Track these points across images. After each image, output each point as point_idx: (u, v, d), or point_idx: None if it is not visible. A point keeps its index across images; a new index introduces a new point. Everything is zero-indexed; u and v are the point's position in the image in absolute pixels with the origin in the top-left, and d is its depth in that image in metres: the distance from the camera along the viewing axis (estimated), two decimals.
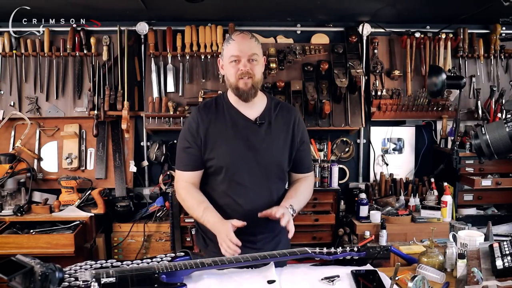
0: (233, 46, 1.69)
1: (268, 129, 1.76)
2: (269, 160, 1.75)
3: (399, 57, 3.23)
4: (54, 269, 1.06)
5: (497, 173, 3.02)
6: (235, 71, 1.69)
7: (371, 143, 3.34)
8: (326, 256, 1.41)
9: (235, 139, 1.73)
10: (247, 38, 1.71)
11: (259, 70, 1.72)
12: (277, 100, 1.88)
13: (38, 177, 3.04)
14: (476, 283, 1.24)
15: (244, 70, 1.67)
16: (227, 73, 1.73)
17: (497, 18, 3.12)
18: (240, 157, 1.72)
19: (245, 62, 1.68)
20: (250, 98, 1.71)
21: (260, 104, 1.79)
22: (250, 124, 1.75)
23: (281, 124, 1.79)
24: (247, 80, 1.68)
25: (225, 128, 1.74)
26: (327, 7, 2.90)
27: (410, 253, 1.65)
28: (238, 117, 1.76)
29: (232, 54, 1.68)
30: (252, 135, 1.74)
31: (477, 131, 1.45)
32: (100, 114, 2.98)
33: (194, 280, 1.31)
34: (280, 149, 1.77)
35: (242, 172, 1.73)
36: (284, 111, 1.83)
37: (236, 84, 1.70)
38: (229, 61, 1.70)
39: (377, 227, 2.81)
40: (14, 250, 2.43)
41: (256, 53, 1.70)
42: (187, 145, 1.76)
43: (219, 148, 1.73)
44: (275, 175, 1.79)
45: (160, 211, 3.00)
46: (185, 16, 3.04)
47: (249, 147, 1.73)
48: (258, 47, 1.72)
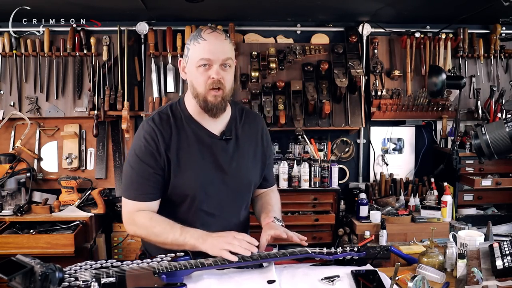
0: (204, 47, 1.40)
1: (235, 145, 1.53)
2: (240, 181, 1.54)
3: (399, 57, 3.23)
4: (54, 269, 1.06)
5: (497, 173, 3.02)
6: (205, 79, 1.41)
7: (371, 143, 3.34)
8: (326, 256, 1.41)
9: (201, 160, 1.47)
10: (221, 38, 1.42)
11: (230, 79, 1.45)
12: (241, 106, 1.64)
13: (38, 177, 3.04)
14: (476, 283, 1.24)
15: (216, 80, 1.40)
16: (194, 80, 1.45)
17: (497, 18, 3.12)
18: (209, 183, 1.48)
19: (217, 69, 1.40)
20: (219, 113, 1.46)
21: (224, 114, 1.52)
22: (215, 141, 1.50)
23: (248, 136, 1.57)
24: (217, 92, 1.41)
25: (188, 147, 1.46)
26: (327, 7, 2.90)
27: (410, 253, 1.65)
28: (202, 132, 1.49)
29: (202, 57, 1.40)
30: (220, 154, 1.49)
31: (477, 131, 1.45)
32: (100, 114, 2.98)
33: (194, 280, 1.31)
34: (250, 167, 1.57)
35: (210, 200, 1.49)
36: (251, 120, 1.60)
37: (205, 96, 1.42)
38: (197, 65, 1.42)
39: (377, 227, 2.81)
40: (14, 250, 2.43)
41: (230, 58, 1.44)
42: (146, 170, 1.43)
43: (184, 172, 1.45)
44: (245, 196, 1.60)
45: None
46: (185, 16, 3.03)
47: (217, 169, 1.49)
48: (231, 49, 1.46)
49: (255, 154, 1.60)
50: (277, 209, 1.66)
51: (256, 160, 1.60)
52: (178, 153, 1.46)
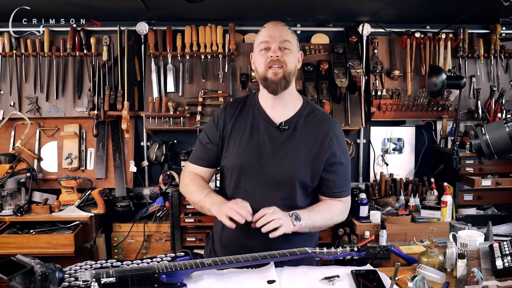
0: (263, 33, 1.55)
1: (290, 137, 1.55)
2: (280, 172, 1.53)
3: (399, 57, 3.23)
4: (54, 269, 1.06)
5: (497, 173, 3.02)
6: (265, 60, 1.51)
7: (371, 143, 3.34)
8: (326, 256, 1.40)
9: (249, 142, 1.56)
10: (279, 25, 1.56)
11: (291, 59, 1.52)
12: (315, 107, 1.64)
13: (38, 177, 3.04)
14: (476, 283, 1.24)
15: (274, 57, 1.49)
16: (256, 64, 1.56)
17: (497, 18, 3.12)
18: (249, 162, 1.55)
19: (275, 49, 1.50)
20: (279, 90, 1.52)
21: (292, 107, 1.59)
22: (271, 128, 1.56)
23: (309, 134, 1.56)
24: (277, 69, 1.49)
25: (244, 129, 1.58)
26: (327, 7, 2.90)
27: (410, 253, 1.65)
28: (261, 118, 1.59)
29: (261, 41, 1.53)
30: (270, 140, 1.55)
31: (477, 131, 1.45)
32: (100, 114, 2.98)
33: (194, 280, 1.31)
34: (297, 163, 1.53)
35: (248, 179, 1.55)
36: (319, 121, 1.59)
37: (265, 74, 1.51)
38: (259, 50, 1.53)
39: (377, 227, 2.81)
40: (14, 250, 2.44)
41: (289, 41, 1.52)
42: (205, 140, 1.65)
43: (232, 149, 1.59)
44: (285, 191, 1.54)
45: (160, 211, 3.00)
46: (185, 16, 3.04)
47: (263, 153, 1.54)
48: (292, 36, 1.55)
49: (309, 153, 1.55)
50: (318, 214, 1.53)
51: (308, 159, 1.54)
52: (233, 132, 1.59)
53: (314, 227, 1.55)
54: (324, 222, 1.57)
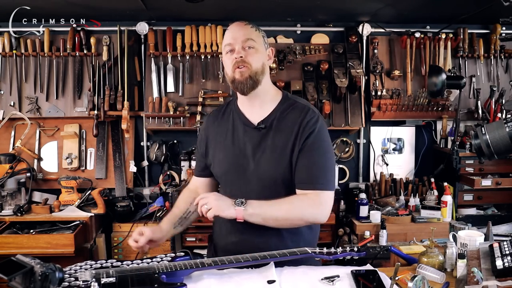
0: (227, 35, 1.53)
1: (267, 135, 1.52)
2: (262, 171, 1.50)
3: (399, 57, 3.23)
4: (54, 269, 1.06)
5: (497, 173, 3.02)
6: (231, 62, 1.50)
7: (371, 143, 3.34)
8: (326, 256, 1.40)
9: (231, 146, 1.57)
10: (242, 25, 1.53)
11: (257, 58, 1.50)
12: (295, 101, 1.59)
13: (38, 177, 3.04)
14: (476, 283, 1.24)
15: (238, 58, 1.48)
16: (225, 67, 1.56)
17: (497, 18, 3.12)
18: (234, 166, 1.56)
19: (239, 50, 1.49)
20: (246, 89, 1.50)
21: (269, 104, 1.57)
22: (249, 129, 1.56)
23: (285, 128, 1.51)
24: (243, 69, 1.48)
25: (225, 134, 1.60)
26: (327, 7, 2.90)
27: (410, 253, 1.65)
28: (239, 121, 1.59)
29: (226, 43, 1.52)
30: (250, 141, 1.54)
31: (477, 131, 1.45)
32: (100, 114, 2.98)
33: (194, 280, 1.31)
34: (275, 159, 1.49)
35: (235, 183, 1.56)
36: (296, 113, 1.53)
37: (232, 76, 1.51)
38: (225, 52, 1.53)
39: (377, 227, 2.81)
40: (14, 250, 2.43)
41: (253, 39, 1.50)
42: (198, 152, 1.73)
43: (217, 155, 1.61)
44: (272, 190, 1.50)
45: (160, 211, 3.00)
46: (185, 16, 3.04)
47: (243, 155, 1.54)
48: (256, 34, 1.53)
49: (286, 148, 1.49)
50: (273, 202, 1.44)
51: (286, 154, 1.49)
52: (217, 139, 1.62)
53: (267, 218, 1.43)
54: (281, 213, 1.44)
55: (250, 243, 1.50)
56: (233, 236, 1.57)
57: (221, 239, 1.64)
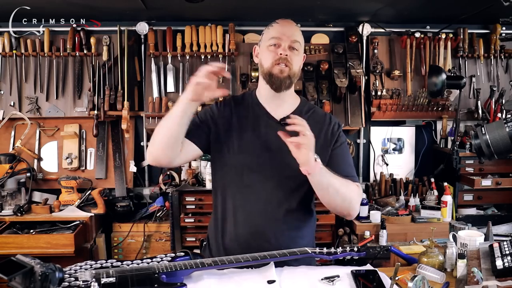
0: (276, 28, 1.53)
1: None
2: (290, 165, 1.44)
3: (399, 57, 3.23)
4: (54, 269, 1.06)
5: (497, 173, 3.02)
6: (273, 56, 1.50)
7: (371, 143, 3.34)
8: (326, 256, 1.40)
9: (252, 136, 1.56)
10: (292, 24, 1.56)
11: (297, 62, 1.53)
12: (312, 105, 1.68)
13: (38, 177, 3.04)
14: (476, 283, 1.24)
15: (283, 55, 1.49)
16: (262, 59, 1.54)
17: (497, 18, 3.12)
18: (253, 158, 1.54)
19: (285, 47, 1.50)
20: (282, 87, 1.52)
21: (291, 104, 1.61)
22: (273, 124, 1.56)
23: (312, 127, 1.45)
24: (284, 67, 1.49)
25: (245, 123, 1.57)
26: (327, 7, 2.90)
27: (410, 253, 1.65)
28: (262, 113, 1.59)
29: (273, 36, 1.51)
30: (273, 135, 1.48)
31: (477, 131, 1.45)
32: (100, 114, 2.98)
33: (194, 280, 1.31)
34: None
35: (253, 175, 1.54)
36: (320, 116, 1.62)
37: (270, 70, 1.50)
38: (268, 44, 1.52)
39: (377, 227, 2.81)
40: (14, 250, 2.43)
41: (299, 42, 1.54)
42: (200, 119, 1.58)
43: (233, 143, 1.56)
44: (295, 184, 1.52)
45: (160, 211, 3.01)
46: (185, 16, 3.04)
47: (266, 148, 1.53)
48: (301, 37, 1.56)
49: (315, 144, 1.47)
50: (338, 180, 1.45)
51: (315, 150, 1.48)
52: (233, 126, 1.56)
53: (331, 183, 1.44)
54: (341, 187, 1.46)
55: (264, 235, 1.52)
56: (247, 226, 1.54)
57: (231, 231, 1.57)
